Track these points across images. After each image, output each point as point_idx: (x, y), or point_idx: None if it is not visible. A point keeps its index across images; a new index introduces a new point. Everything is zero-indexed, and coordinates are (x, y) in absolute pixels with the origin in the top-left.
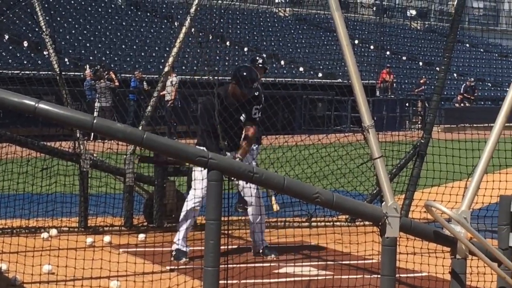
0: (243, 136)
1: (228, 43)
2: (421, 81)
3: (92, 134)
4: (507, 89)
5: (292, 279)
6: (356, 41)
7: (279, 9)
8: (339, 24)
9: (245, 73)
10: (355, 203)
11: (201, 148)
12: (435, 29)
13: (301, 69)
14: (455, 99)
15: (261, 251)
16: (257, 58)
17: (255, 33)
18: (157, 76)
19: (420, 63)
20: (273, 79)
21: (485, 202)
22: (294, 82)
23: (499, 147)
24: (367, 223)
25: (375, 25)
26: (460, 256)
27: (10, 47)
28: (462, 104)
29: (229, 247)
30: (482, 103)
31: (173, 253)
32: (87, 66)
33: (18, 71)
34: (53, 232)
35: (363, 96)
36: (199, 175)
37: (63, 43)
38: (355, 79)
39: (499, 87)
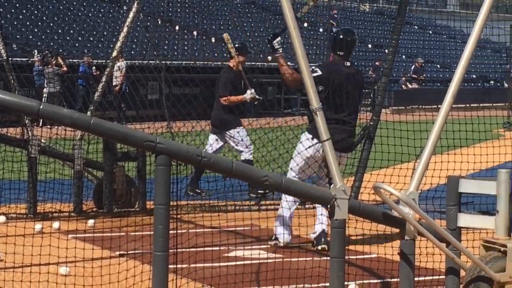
0: None
1: (177, 27)
2: (377, 63)
3: (41, 120)
4: (455, 70)
5: (242, 262)
6: (306, 24)
7: None
8: (286, 7)
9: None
10: (304, 186)
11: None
12: (384, 11)
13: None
14: (401, 81)
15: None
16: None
17: (204, 16)
18: (106, 61)
19: (369, 46)
20: (222, 63)
21: (433, 183)
22: (243, 65)
23: (447, 128)
24: (317, 205)
25: (324, 7)
26: (408, 237)
27: None
28: (410, 86)
29: (179, 231)
30: (431, 84)
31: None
32: (35, 52)
33: None
34: (1, 218)
35: (310, 79)
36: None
37: (10, 28)
38: (303, 62)
39: (448, 69)
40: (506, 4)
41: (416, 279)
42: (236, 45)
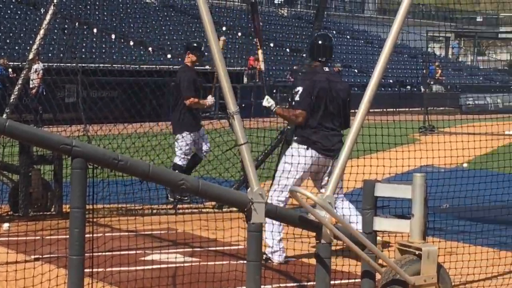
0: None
1: (95, 30)
2: (295, 68)
3: None
4: (371, 75)
5: (158, 266)
6: (224, 28)
7: None
8: (203, 11)
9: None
10: (220, 190)
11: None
12: (302, 16)
13: (168, 56)
14: None
15: None
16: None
17: (122, 19)
18: (22, 63)
19: (288, 50)
20: (139, 66)
21: (349, 187)
22: (162, 69)
23: (363, 133)
24: (234, 209)
25: (243, 11)
26: (325, 240)
27: None
28: None
29: (95, 235)
30: None
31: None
32: None
33: None
34: None
35: (228, 83)
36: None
37: None
38: (220, 66)
39: (365, 74)
40: (423, 10)
41: (332, 282)
42: (194, 45)
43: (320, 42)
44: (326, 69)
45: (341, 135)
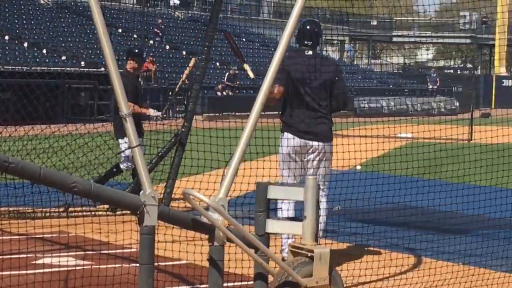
0: None
1: None
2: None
3: None
4: (264, 78)
5: (49, 270)
6: (120, 30)
7: None
8: (95, 12)
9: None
10: (113, 192)
11: None
12: (198, 18)
13: (63, 57)
14: (216, 88)
15: None
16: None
17: (16, 21)
18: None
19: (184, 52)
20: (30, 67)
21: (243, 189)
22: (55, 70)
23: (256, 135)
24: (126, 212)
25: (138, 14)
26: (217, 243)
27: None
28: (224, 93)
29: None
30: (244, 91)
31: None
32: None
33: None
34: None
35: (120, 85)
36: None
37: None
38: (112, 67)
39: (261, 76)
40: (318, 13)
41: (225, 284)
42: (136, 51)
43: (307, 27)
44: (310, 52)
45: (324, 117)
